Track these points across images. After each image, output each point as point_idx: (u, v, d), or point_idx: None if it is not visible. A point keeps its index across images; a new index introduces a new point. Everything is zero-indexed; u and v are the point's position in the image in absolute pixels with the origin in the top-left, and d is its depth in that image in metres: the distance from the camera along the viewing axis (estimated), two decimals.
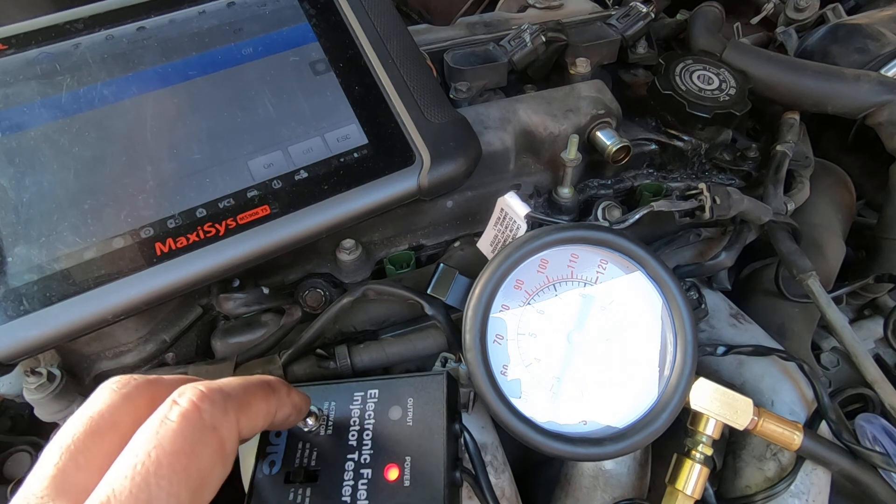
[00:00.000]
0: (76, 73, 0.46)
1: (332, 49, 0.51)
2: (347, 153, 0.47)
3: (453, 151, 0.48)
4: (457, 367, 0.48)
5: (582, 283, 0.47)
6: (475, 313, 0.44)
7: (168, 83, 0.48)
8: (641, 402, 0.45)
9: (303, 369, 0.50)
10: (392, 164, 0.47)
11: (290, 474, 0.42)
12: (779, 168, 0.64)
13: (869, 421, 0.55)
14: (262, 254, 0.44)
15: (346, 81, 0.50)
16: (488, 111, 0.58)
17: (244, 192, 0.45)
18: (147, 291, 0.41)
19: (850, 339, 0.54)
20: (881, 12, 0.79)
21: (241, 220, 0.44)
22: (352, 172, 0.47)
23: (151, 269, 0.41)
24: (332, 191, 0.46)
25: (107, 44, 0.48)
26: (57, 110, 0.45)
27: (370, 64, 0.51)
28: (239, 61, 0.49)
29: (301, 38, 0.51)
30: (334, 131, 0.48)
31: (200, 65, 0.49)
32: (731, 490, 0.53)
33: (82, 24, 0.49)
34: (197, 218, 0.43)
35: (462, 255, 0.58)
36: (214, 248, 0.43)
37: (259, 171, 0.45)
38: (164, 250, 0.42)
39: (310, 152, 0.47)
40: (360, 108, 0.49)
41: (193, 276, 0.42)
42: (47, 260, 0.41)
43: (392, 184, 0.47)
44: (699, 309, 0.57)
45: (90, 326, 0.41)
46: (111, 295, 0.41)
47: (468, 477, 0.43)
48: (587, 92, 0.60)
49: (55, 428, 0.54)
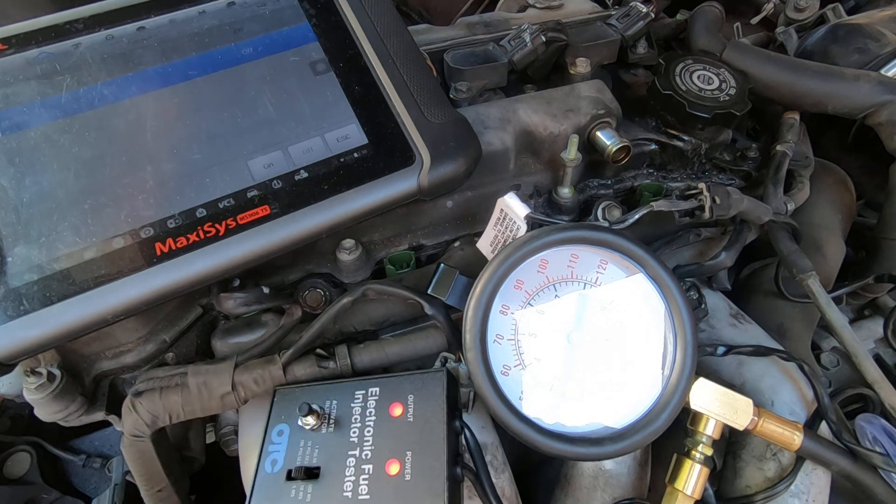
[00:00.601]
0: (76, 73, 0.46)
1: (332, 49, 0.51)
2: (347, 153, 0.47)
3: (453, 151, 0.48)
4: (457, 366, 0.48)
5: (582, 283, 0.47)
6: (475, 313, 0.44)
7: (168, 83, 0.48)
8: (641, 402, 0.45)
9: (303, 369, 0.50)
10: (392, 165, 0.47)
11: (291, 472, 0.42)
12: (779, 168, 0.64)
13: (869, 421, 0.55)
14: (263, 254, 0.44)
15: (346, 81, 0.50)
16: (488, 111, 0.58)
17: (244, 192, 0.45)
18: (147, 292, 0.41)
19: (850, 339, 0.54)
20: (881, 12, 0.79)
21: (241, 220, 0.44)
22: (352, 172, 0.46)
23: (151, 269, 0.41)
24: (332, 191, 0.46)
25: (107, 44, 0.48)
26: (57, 110, 0.45)
27: (370, 64, 0.51)
28: (239, 61, 0.49)
29: (301, 38, 0.51)
30: (334, 131, 0.48)
31: (200, 65, 0.49)
32: (731, 490, 0.53)
33: (82, 24, 0.49)
34: (197, 218, 0.43)
35: (462, 255, 0.58)
36: (214, 248, 0.43)
37: (259, 171, 0.45)
38: (164, 250, 0.42)
39: (310, 152, 0.47)
40: (360, 108, 0.49)
41: (194, 276, 0.42)
42: (47, 260, 0.41)
43: (392, 184, 0.47)
44: (699, 309, 0.57)
45: (90, 326, 0.41)
46: (111, 295, 0.41)
47: (469, 473, 0.43)
48: (587, 92, 0.60)
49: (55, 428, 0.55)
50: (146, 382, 0.50)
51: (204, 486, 0.62)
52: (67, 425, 0.50)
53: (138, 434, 0.49)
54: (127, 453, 0.50)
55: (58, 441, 0.75)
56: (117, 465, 0.67)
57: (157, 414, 0.48)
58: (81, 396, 0.49)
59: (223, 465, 0.61)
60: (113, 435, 0.77)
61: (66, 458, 0.75)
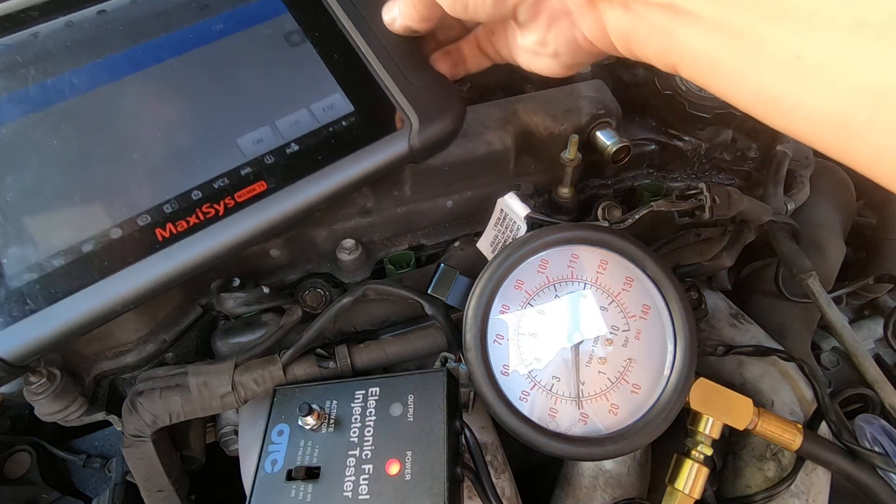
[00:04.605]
0: (40, 64, 0.45)
1: (305, 19, 0.50)
2: (335, 122, 0.47)
3: (439, 110, 0.48)
4: (457, 366, 0.48)
5: (582, 283, 0.47)
6: (475, 313, 0.44)
7: (140, 67, 0.46)
8: (641, 403, 0.45)
9: (303, 369, 0.50)
10: (382, 129, 0.47)
11: (291, 472, 0.42)
12: (779, 168, 0.64)
13: (868, 421, 0.55)
14: (267, 229, 0.44)
15: (324, 50, 0.49)
16: (488, 111, 0.58)
17: (237, 170, 0.44)
18: (154, 278, 0.41)
19: (850, 339, 0.54)
20: None
21: (239, 197, 0.43)
22: (343, 141, 0.46)
23: (155, 256, 0.41)
24: (325, 161, 0.45)
25: (68, 31, 0.46)
26: (26, 105, 0.44)
27: (345, 31, 0.50)
28: (211, 39, 0.48)
29: (272, 11, 0.50)
30: (319, 102, 0.47)
31: (171, 45, 0.48)
32: (731, 490, 0.53)
33: (37, 11, 0.47)
34: (193, 200, 0.43)
35: (462, 255, 0.58)
36: (217, 229, 0.42)
37: (249, 148, 0.45)
38: (165, 235, 0.42)
39: (298, 125, 0.46)
40: (342, 76, 0.48)
41: (199, 259, 0.42)
42: (45, 257, 0.40)
43: (384, 148, 0.46)
44: (699, 309, 0.57)
45: (100, 320, 0.40)
46: (118, 285, 0.40)
47: (469, 473, 0.43)
48: (587, 92, 0.60)
49: (55, 428, 0.55)
50: (146, 382, 0.50)
51: (204, 486, 0.62)
52: (67, 425, 0.50)
53: (138, 434, 0.49)
54: (127, 453, 0.51)
55: (58, 441, 0.75)
56: (117, 465, 0.67)
57: (157, 414, 0.48)
58: (81, 396, 0.49)
59: (223, 465, 0.61)
60: (113, 435, 0.77)
61: (66, 458, 0.74)
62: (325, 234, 0.55)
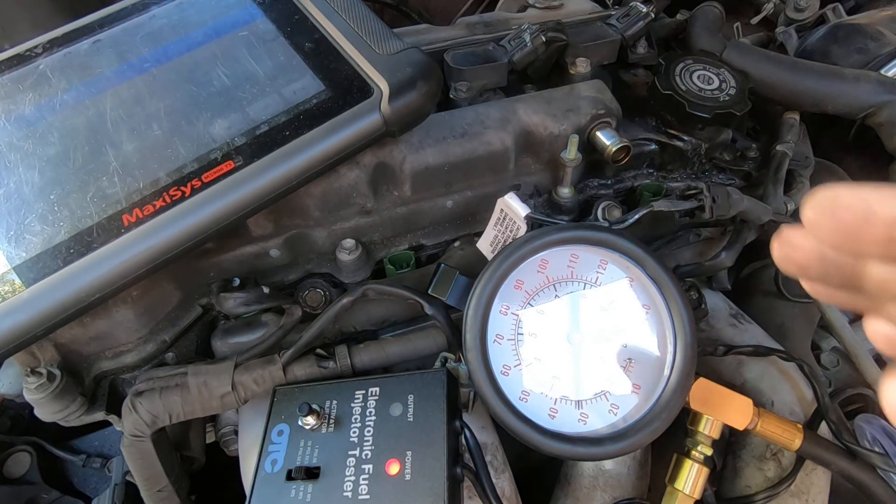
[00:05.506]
0: (38, 89, 0.50)
1: (279, 18, 0.53)
2: (305, 101, 0.48)
3: (410, 78, 0.48)
4: (457, 366, 0.48)
5: (582, 283, 0.47)
6: (475, 313, 0.44)
7: (125, 79, 0.50)
8: (641, 402, 0.45)
9: (303, 369, 0.50)
10: (350, 100, 0.48)
11: (291, 472, 0.42)
12: (779, 168, 0.64)
13: (868, 422, 0.55)
14: (235, 208, 0.44)
15: (296, 42, 0.52)
16: (488, 111, 0.58)
17: (206, 154, 0.45)
18: (119, 263, 0.41)
19: (850, 339, 0.54)
20: (881, 12, 0.79)
21: (206, 178, 0.44)
22: (312, 115, 0.47)
23: (120, 240, 0.42)
24: (294, 134, 0.46)
25: (65, 59, 0.52)
26: (21, 123, 0.48)
27: (316, 21, 0.53)
28: (191, 48, 0.52)
29: (248, 17, 0.54)
30: (290, 85, 0.49)
31: (155, 57, 0.51)
32: (731, 490, 0.53)
33: (41, 48, 0.53)
34: (161, 186, 0.44)
35: (462, 255, 0.58)
36: (182, 209, 0.43)
37: (219, 134, 0.46)
38: (132, 220, 0.42)
39: (268, 108, 0.48)
40: (312, 60, 0.50)
41: (166, 242, 0.42)
42: (16, 251, 0.41)
43: (355, 119, 0.47)
44: (699, 309, 0.57)
45: (68, 308, 0.41)
46: (85, 272, 0.41)
47: (469, 473, 0.43)
48: (587, 92, 0.60)
49: (55, 428, 0.55)
50: (146, 382, 0.50)
51: (204, 486, 0.62)
52: (67, 425, 0.50)
53: (138, 434, 0.49)
54: (127, 453, 0.51)
55: (58, 441, 0.75)
56: (117, 465, 0.67)
57: (157, 414, 0.48)
58: (81, 396, 0.49)
59: (223, 465, 0.61)
60: (113, 435, 0.77)
61: (66, 458, 0.74)
62: (325, 234, 0.55)
